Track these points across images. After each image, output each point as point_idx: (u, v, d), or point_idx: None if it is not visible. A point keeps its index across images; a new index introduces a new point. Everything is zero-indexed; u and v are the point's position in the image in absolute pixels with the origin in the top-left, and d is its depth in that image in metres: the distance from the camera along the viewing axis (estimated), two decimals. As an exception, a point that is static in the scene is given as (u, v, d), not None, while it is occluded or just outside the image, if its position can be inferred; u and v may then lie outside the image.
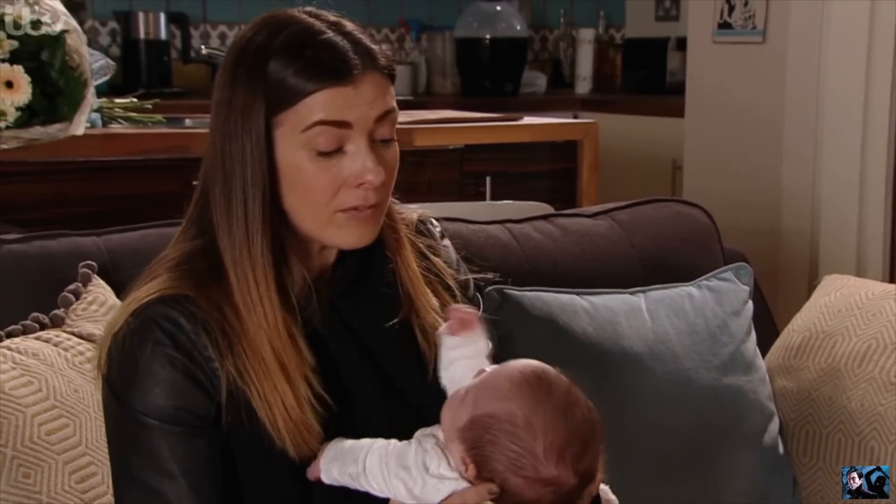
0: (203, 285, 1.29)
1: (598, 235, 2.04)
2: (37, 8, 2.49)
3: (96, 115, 2.68)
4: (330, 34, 1.27)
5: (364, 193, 1.28)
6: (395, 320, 1.37)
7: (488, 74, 4.91)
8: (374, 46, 1.29)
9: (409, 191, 2.87)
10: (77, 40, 2.50)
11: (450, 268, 1.48)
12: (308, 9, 1.34)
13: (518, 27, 4.96)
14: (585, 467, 1.21)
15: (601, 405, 1.81)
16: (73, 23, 2.50)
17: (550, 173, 3.08)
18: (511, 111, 4.32)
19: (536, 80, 5.30)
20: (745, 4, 3.59)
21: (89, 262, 1.59)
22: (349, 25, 1.30)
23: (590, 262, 2.00)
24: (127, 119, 2.77)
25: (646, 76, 5.24)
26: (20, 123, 2.42)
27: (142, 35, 4.52)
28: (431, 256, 1.45)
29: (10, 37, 2.41)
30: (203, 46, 4.61)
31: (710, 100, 3.71)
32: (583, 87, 5.40)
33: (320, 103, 1.26)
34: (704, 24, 3.72)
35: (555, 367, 1.28)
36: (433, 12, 5.25)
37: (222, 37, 4.81)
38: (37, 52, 2.46)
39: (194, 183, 1.35)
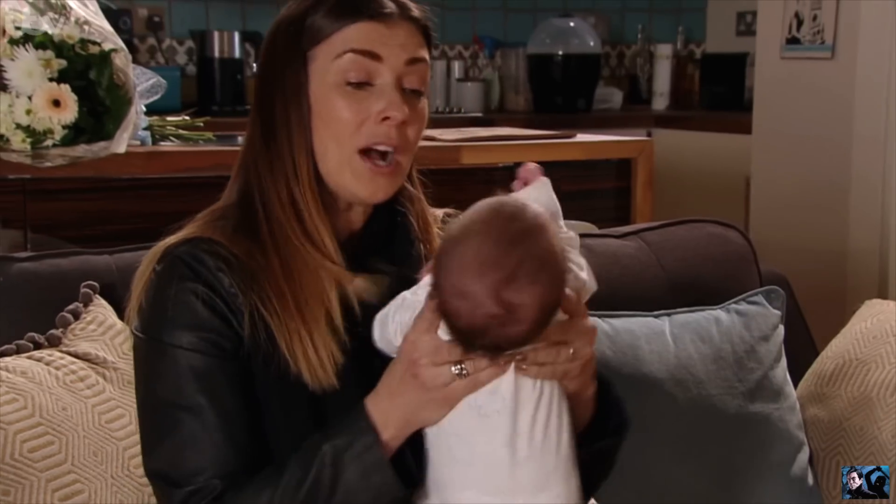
0: (231, 231, 1.36)
1: (626, 256, 2.00)
2: (86, 28, 2.53)
3: (146, 133, 2.71)
4: None
5: (387, 130, 1.34)
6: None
7: (560, 91, 4.87)
8: (412, 6, 1.37)
9: (456, 209, 2.87)
10: (124, 59, 2.54)
11: None
12: None
13: (591, 43, 4.92)
14: (514, 298, 1.17)
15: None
16: (120, 42, 2.54)
17: (604, 192, 3.03)
18: (582, 128, 4.29)
19: (612, 97, 5.25)
20: (814, 19, 3.51)
21: (91, 282, 1.61)
22: None
23: (615, 284, 1.96)
24: (178, 137, 2.80)
25: (724, 92, 5.16)
26: (66, 141, 2.46)
27: (216, 54, 4.58)
28: None
29: (58, 56, 2.46)
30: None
31: (778, 116, 3.64)
32: (660, 103, 5.33)
33: (354, 34, 1.34)
34: (773, 39, 3.65)
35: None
36: (507, 29, 5.23)
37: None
38: (84, 70, 2.51)
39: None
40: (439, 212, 1.54)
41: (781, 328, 1.94)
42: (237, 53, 4.61)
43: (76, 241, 2.42)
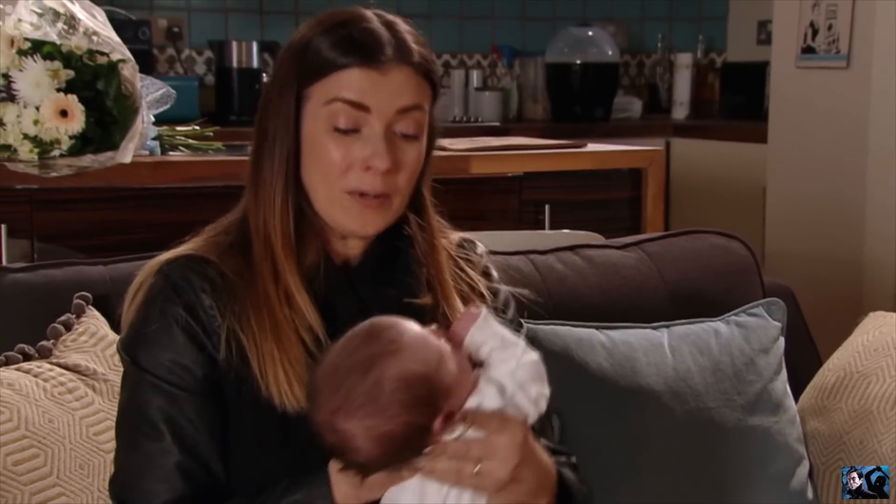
0: (225, 251, 1.38)
1: (626, 268, 1.98)
2: (95, 38, 2.54)
3: (155, 143, 2.72)
4: (374, 23, 1.35)
5: (372, 178, 1.34)
6: (416, 300, 1.41)
7: (578, 100, 4.86)
8: (414, 45, 1.35)
9: (464, 219, 2.86)
10: (131, 70, 2.55)
11: (488, 281, 1.53)
12: (375, 9, 1.40)
13: (610, 52, 4.90)
14: (343, 426, 1.20)
15: (616, 444, 1.78)
16: (127, 52, 2.55)
17: (613, 202, 3.02)
18: (600, 137, 4.27)
19: (631, 106, 5.23)
20: (829, 28, 3.48)
21: (84, 293, 1.61)
22: (401, 24, 1.37)
23: (615, 296, 1.94)
24: (187, 146, 2.81)
25: (744, 101, 5.13)
26: (73, 151, 2.47)
27: (234, 64, 4.59)
28: (467, 268, 1.51)
29: (66, 66, 2.47)
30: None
31: (794, 126, 3.61)
32: (680, 112, 5.31)
33: (346, 81, 1.33)
34: (788, 48, 3.63)
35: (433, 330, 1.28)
36: (526, 38, 5.23)
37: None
38: (92, 81, 2.52)
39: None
40: (455, 236, 1.54)
41: (782, 340, 1.92)
42: (255, 63, 4.62)
43: (83, 251, 2.43)
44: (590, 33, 4.92)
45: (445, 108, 5.01)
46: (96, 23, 2.56)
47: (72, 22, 2.53)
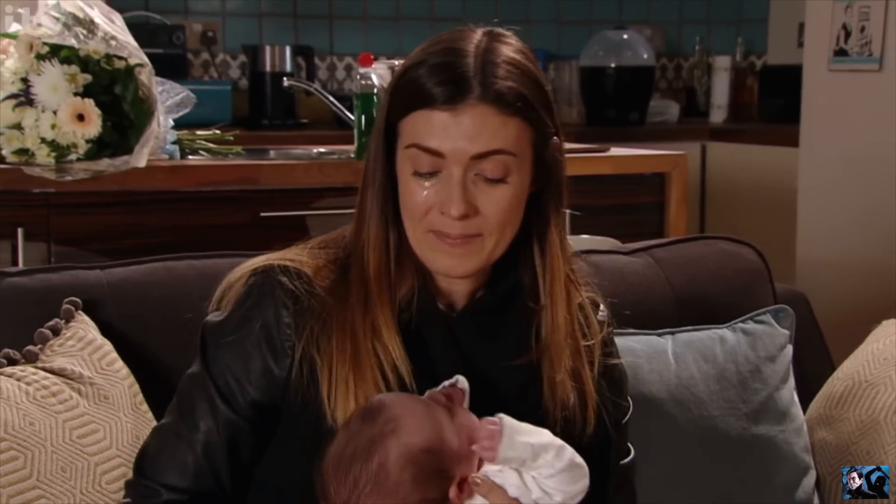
0: (323, 266, 1.36)
1: (633, 273, 1.95)
2: (113, 43, 2.56)
3: (174, 147, 2.73)
4: (458, 57, 1.27)
5: (451, 222, 1.29)
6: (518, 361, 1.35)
7: (613, 103, 4.83)
8: (503, 81, 1.25)
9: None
10: (148, 74, 2.56)
11: (605, 354, 1.45)
12: (491, 29, 1.37)
13: (645, 55, 4.86)
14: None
15: (617, 452, 1.75)
16: (144, 57, 2.56)
17: (637, 207, 2.98)
18: (634, 141, 4.24)
19: (668, 109, 5.18)
20: (862, 31, 3.43)
21: (73, 298, 1.61)
22: (502, 54, 1.29)
23: (621, 302, 1.89)
24: (207, 150, 2.82)
25: (783, 105, 5.06)
26: (90, 155, 2.49)
27: (268, 68, 4.60)
28: (590, 320, 1.44)
29: (84, 71, 2.49)
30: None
31: (826, 129, 3.56)
32: (717, 115, 5.25)
33: (418, 125, 1.28)
34: (820, 51, 3.57)
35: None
36: (561, 41, 5.20)
37: (348, 69, 4.87)
38: (109, 85, 2.53)
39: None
40: (584, 296, 1.45)
41: (790, 348, 1.88)
42: (288, 67, 4.63)
43: (100, 255, 2.44)
44: (625, 36, 4.88)
45: (479, 111, 4.99)
46: (114, 27, 2.57)
47: (90, 26, 2.55)
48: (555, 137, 1.35)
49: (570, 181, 1.39)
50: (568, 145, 3.18)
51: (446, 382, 1.29)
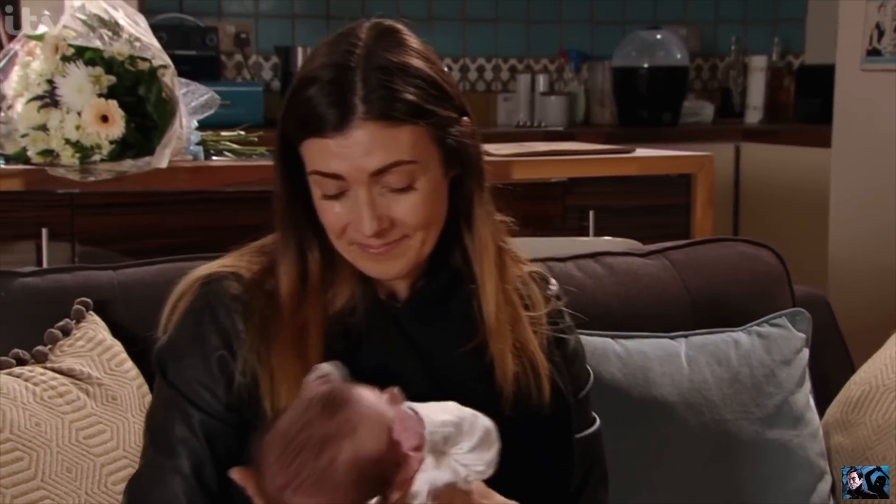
0: (264, 272, 1.36)
1: (648, 276, 1.94)
2: (137, 45, 2.58)
3: (198, 148, 2.74)
4: (338, 73, 1.25)
5: (366, 238, 1.29)
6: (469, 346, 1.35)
7: (646, 104, 4.80)
8: (384, 92, 1.24)
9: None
10: (171, 76, 2.58)
11: (551, 323, 1.44)
12: (376, 27, 1.34)
13: (678, 56, 4.83)
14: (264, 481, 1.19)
15: (628, 456, 1.74)
16: (167, 58, 2.57)
17: (661, 208, 2.96)
18: (666, 142, 4.22)
19: (702, 110, 5.14)
20: None
21: (84, 298, 1.62)
22: (383, 57, 1.27)
23: (634, 304, 1.91)
24: (231, 151, 2.83)
25: (820, 105, 5.00)
26: (113, 156, 2.51)
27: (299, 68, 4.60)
28: (532, 291, 1.43)
29: (108, 72, 2.51)
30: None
31: (858, 130, 3.51)
32: (753, 116, 5.21)
33: (313, 152, 1.28)
34: (853, 50, 3.53)
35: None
36: (594, 42, 5.17)
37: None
38: (133, 86, 2.55)
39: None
40: (527, 268, 1.46)
41: (806, 352, 1.86)
42: (320, 68, 4.63)
43: (123, 255, 2.46)
44: (658, 36, 4.85)
45: (510, 112, 4.99)
46: (138, 29, 2.59)
47: (115, 28, 2.57)
48: (464, 118, 1.34)
49: (484, 161, 1.40)
50: (593, 146, 3.18)
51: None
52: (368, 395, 1.22)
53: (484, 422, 1.24)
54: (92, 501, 1.43)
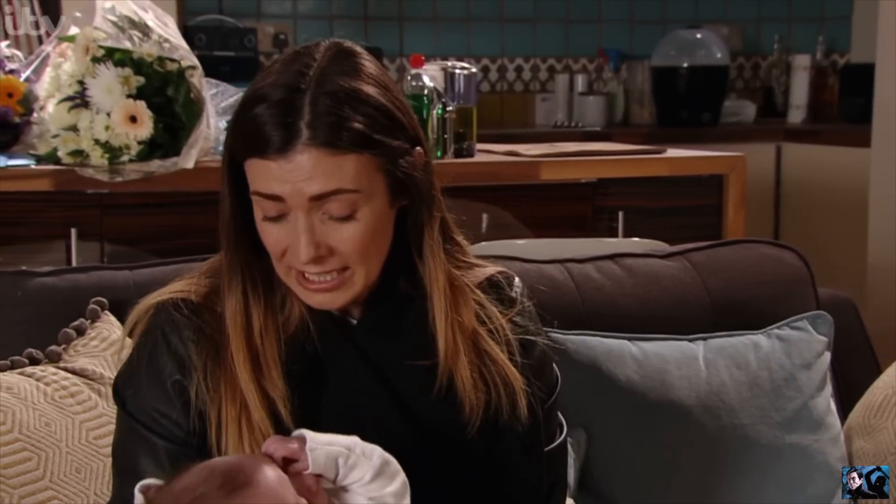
0: (213, 294, 1.33)
1: (668, 277, 1.92)
2: (166, 46, 2.59)
3: (227, 149, 2.75)
4: (288, 94, 1.22)
5: (308, 265, 1.27)
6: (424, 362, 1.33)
7: (685, 104, 4.76)
8: (331, 119, 1.21)
9: (534, 226, 2.82)
10: (199, 77, 2.59)
11: (517, 328, 1.40)
12: (333, 48, 1.30)
13: (719, 55, 4.78)
14: None
15: (645, 459, 1.73)
16: (195, 60, 2.58)
17: (692, 209, 2.93)
18: (706, 142, 4.18)
19: (744, 109, 5.09)
20: (935, 27, 3.33)
21: (99, 298, 1.63)
22: (335, 82, 1.23)
23: (654, 306, 1.89)
24: (261, 152, 2.83)
25: (864, 104, 4.94)
26: (142, 157, 2.53)
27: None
28: (489, 308, 1.38)
29: (137, 73, 2.53)
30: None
31: (897, 130, 3.46)
32: (796, 115, 5.15)
33: (256, 172, 1.24)
34: (892, 49, 3.48)
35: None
36: (634, 41, 5.14)
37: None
38: (162, 87, 2.57)
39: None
40: (486, 272, 1.42)
41: (827, 355, 1.84)
42: (358, 69, 4.64)
43: (151, 255, 2.47)
44: (698, 35, 4.81)
45: (548, 113, 4.97)
46: (167, 31, 2.60)
47: (145, 29, 2.58)
48: (417, 148, 1.30)
49: (440, 189, 1.35)
50: (622, 146, 3.16)
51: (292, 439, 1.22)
52: (273, 480, 1.14)
53: (380, 452, 1.20)
54: (100, 502, 1.43)
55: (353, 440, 1.19)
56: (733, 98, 5.12)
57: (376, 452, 1.18)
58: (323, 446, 1.16)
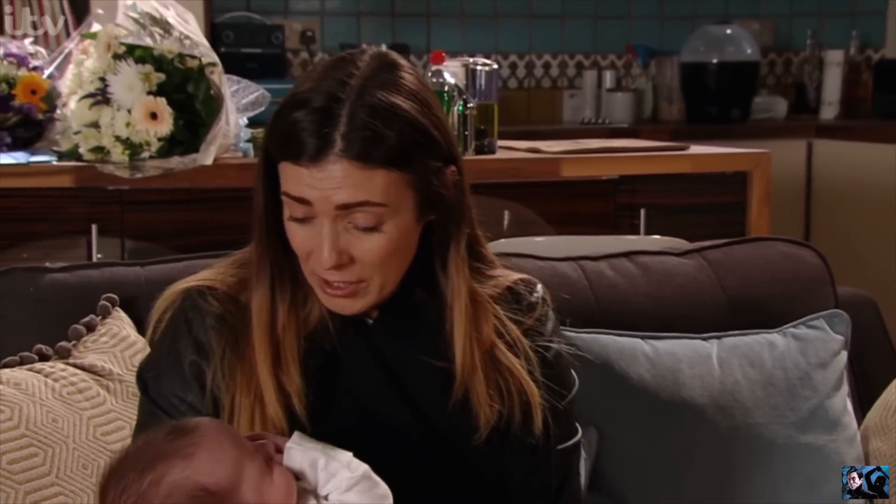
0: (239, 285, 1.36)
1: (683, 275, 1.90)
2: (187, 42, 2.60)
3: (248, 145, 2.76)
4: (327, 102, 1.23)
5: (330, 271, 1.29)
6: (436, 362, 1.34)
7: (714, 100, 4.72)
8: (366, 132, 1.22)
9: (556, 223, 2.81)
10: (219, 73, 2.60)
11: (538, 337, 1.41)
12: (378, 59, 1.30)
13: (749, 51, 4.74)
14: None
15: (657, 459, 1.71)
16: (215, 57, 2.59)
17: (716, 206, 2.91)
18: (734, 138, 4.15)
19: (775, 106, 5.05)
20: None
21: (110, 294, 1.63)
22: (375, 96, 1.24)
23: (668, 305, 1.87)
24: (282, 149, 2.84)
25: (898, 100, 4.89)
26: (162, 153, 2.54)
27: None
28: (508, 323, 1.39)
29: (157, 70, 2.54)
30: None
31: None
32: (828, 112, 5.10)
33: (288, 174, 1.27)
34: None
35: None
36: (663, 37, 5.11)
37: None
38: (182, 84, 2.57)
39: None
40: (508, 280, 1.42)
41: (844, 355, 1.81)
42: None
43: (172, 251, 2.48)
44: (728, 31, 4.77)
45: (576, 109, 4.95)
46: (188, 28, 2.62)
47: (166, 26, 2.59)
48: (452, 166, 1.31)
49: (471, 206, 1.37)
50: (644, 143, 3.14)
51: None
52: (214, 427, 1.17)
53: (367, 469, 1.20)
54: (106, 496, 1.43)
55: (345, 455, 1.19)
56: (764, 94, 5.07)
57: (362, 468, 1.18)
58: (305, 448, 1.17)
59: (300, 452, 1.18)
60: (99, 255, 2.51)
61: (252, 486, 1.13)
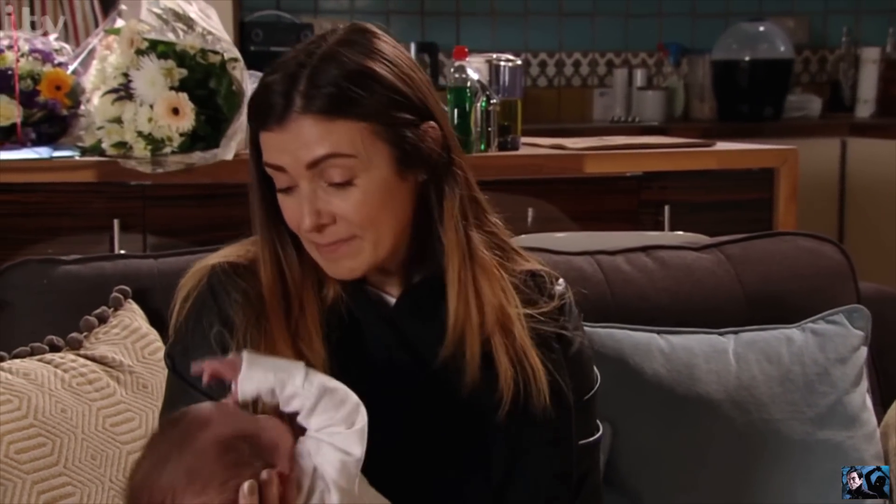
0: (258, 261, 1.36)
1: (701, 270, 1.88)
2: (209, 38, 2.60)
3: (270, 142, 2.76)
4: (293, 68, 1.26)
5: (315, 233, 1.30)
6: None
7: (746, 98, 4.68)
8: (323, 87, 1.24)
9: (579, 220, 2.79)
10: (240, 69, 2.60)
11: (551, 322, 1.40)
12: (350, 28, 1.32)
13: (782, 48, 4.70)
14: None
15: (672, 454, 1.70)
16: (237, 52, 2.59)
17: (742, 203, 2.88)
18: (766, 137, 4.11)
19: (809, 104, 5.00)
20: None
21: (123, 286, 1.64)
22: (342, 57, 1.26)
23: (685, 300, 1.85)
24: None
25: (935, 98, 4.83)
26: (183, 148, 2.54)
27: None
28: (522, 308, 1.38)
29: (180, 65, 2.54)
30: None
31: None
32: (864, 110, 5.04)
33: (263, 145, 1.29)
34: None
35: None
36: (695, 34, 5.07)
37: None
38: (204, 79, 2.58)
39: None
40: (527, 265, 1.42)
41: (864, 350, 1.78)
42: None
43: (192, 245, 2.48)
44: (761, 28, 4.73)
45: (606, 108, 4.92)
46: (210, 23, 2.62)
47: (188, 22, 2.60)
48: (430, 122, 1.31)
49: (466, 168, 1.35)
50: (669, 140, 3.11)
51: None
52: (207, 403, 1.20)
53: (322, 380, 1.20)
54: (115, 488, 1.43)
55: (297, 365, 1.19)
56: (798, 92, 5.03)
57: (316, 381, 1.18)
58: (254, 381, 1.17)
59: (252, 384, 1.18)
60: (121, 250, 2.52)
61: (259, 426, 1.17)
